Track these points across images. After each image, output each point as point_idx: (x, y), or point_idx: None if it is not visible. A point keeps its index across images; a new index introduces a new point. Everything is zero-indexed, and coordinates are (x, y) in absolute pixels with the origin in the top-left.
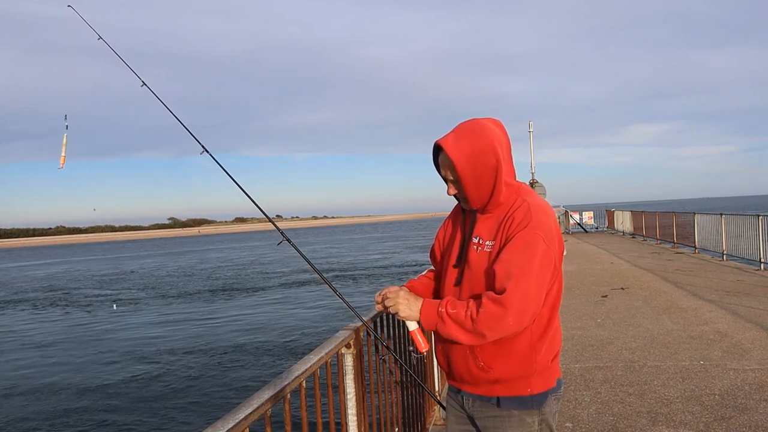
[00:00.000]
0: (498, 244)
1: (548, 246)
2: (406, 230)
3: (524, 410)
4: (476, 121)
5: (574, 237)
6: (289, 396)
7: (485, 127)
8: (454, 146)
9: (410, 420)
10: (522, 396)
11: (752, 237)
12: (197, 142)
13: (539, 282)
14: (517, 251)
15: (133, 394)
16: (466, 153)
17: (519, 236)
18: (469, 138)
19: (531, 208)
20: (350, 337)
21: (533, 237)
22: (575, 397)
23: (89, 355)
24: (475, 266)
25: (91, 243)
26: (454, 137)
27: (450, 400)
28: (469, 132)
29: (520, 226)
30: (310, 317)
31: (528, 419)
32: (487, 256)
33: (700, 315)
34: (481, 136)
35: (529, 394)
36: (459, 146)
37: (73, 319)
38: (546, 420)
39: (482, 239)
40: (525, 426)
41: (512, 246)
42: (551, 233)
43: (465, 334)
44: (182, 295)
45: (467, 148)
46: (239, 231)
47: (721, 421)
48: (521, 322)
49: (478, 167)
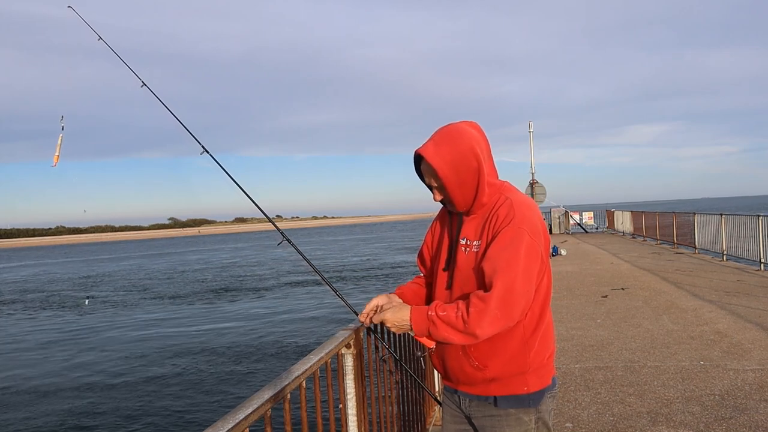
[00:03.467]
0: (484, 243)
1: (533, 239)
2: (401, 231)
3: (521, 409)
4: (453, 126)
5: (574, 237)
6: (289, 396)
7: (463, 131)
8: (435, 153)
9: (410, 420)
10: (519, 395)
11: (752, 237)
12: (197, 143)
13: (526, 275)
14: (503, 247)
15: (132, 396)
16: (447, 159)
17: (504, 233)
18: (449, 144)
19: (514, 204)
20: (350, 337)
21: (518, 232)
22: (575, 397)
23: (88, 355)
24: (464, 268)
25: (91, 243)
26: (434, 145)
27: (446, 400)
28: (447, 138)
29: (504, 222)
30: (310, 317)
31: (525, 417)
32: (475, 256)
33: (700, 315)
34: (460, 141)
35: (526, 392)
36: (439, 153)
37: (67, 321)
38: (542, 418)
39: (469, 240)
40: (522, 424)
41: (497, 243)
42: (536, 228)
43: (458, 335)
44: (182, 296)
45: (447, 154)
46: (239, 231)
47: (721, 422)
48: (512, 316)
49: (460, 171)
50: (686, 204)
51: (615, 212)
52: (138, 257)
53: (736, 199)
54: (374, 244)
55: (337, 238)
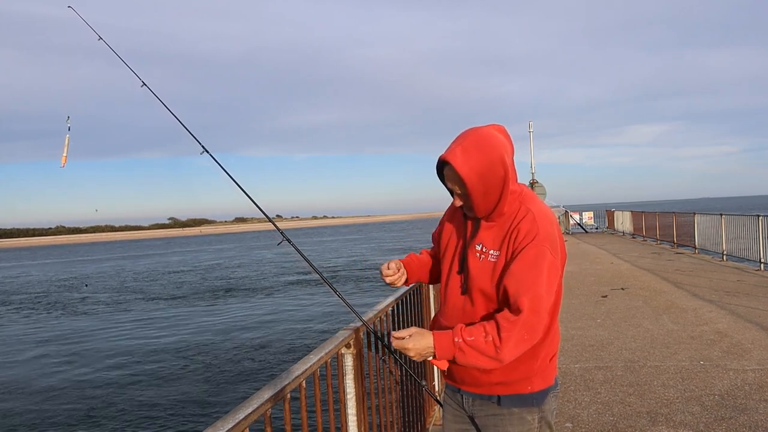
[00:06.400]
0: (504, 256)
1: (554, 257)
2: (396, 231)
3: (524, 408)
4: (482, 131)
5: (574, 237)
6: (289, 396)
7: (493, 139)
8: (464, 162)
9: (410, 420)
10: (522, 394)
11: (752, 237)
12: (197, 142)
13: (548, 294)
14: (527, 267)
15: (132, 395)
16: (476, 168)
17: (527, 250)
18: (479, 152)
19: (536, 218)
20: (350, 337)
21: (540, 250)
22: (575, 397)
23: (85, 356)
24: (479, 275)
25: (91, 243)
26: (462, 152)
27: (447, 398)
28: (477, 145)
29: (527, 238)
30: (310, 317)
31: (528, 417)
32: (492, 266)
33: (700, 315)
34: (490, 150)
35: (530, 392)
36: (468, 162)
37: (65, 321)
38: (545, 417)
39: (485, 248)
40: (525, 424)
41: (521, 261)
42: (555, 244)
43: (488, 361)
44: (181, 296)
45: (476, 163)
46: (239, 231)
47: (721, 422)
48: (537, 337)
49: (487, 181)
50: (686, 204)
51: (615, 212)
52: (141, 257)
53: (736, 199)
54: (364, 245)
55: (335, 238)
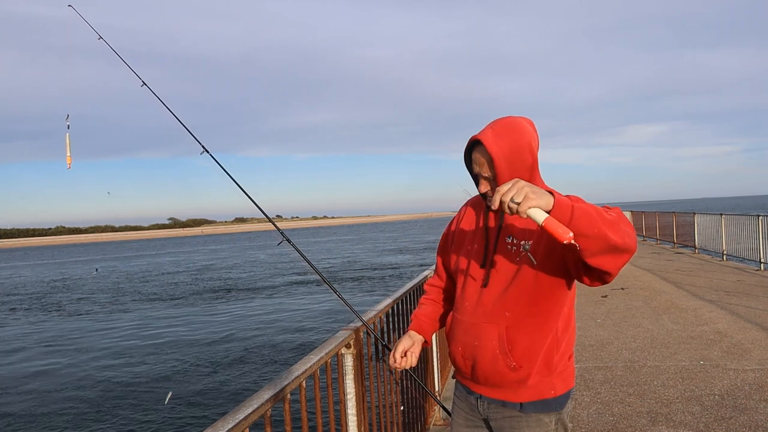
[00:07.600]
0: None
1: None
2: (393, 232)
3: (543, 411)
4: (512, 118)
5: None
6: (289, 396)
7: (522, 125)
8: (494, 142)
9: (410, 420)
10: (546, 399)
11: (752, 237)
12: (197, 142)
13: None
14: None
15: (132, 395)
16: (506, 150)
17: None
18: (509, 135)
19: None
20: (350, 337)
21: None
22: (575, 397)
23: (84, 356)
24: (506, 267)
25: (90, 243)
26: (493, 133)
27: (458, 401)
28: (508, 129)
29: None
30: (310, 317)
31: (545, 419)
32: (526, 257)
33: (700, 315)
34: (520, 135)
35: (553, 396)
36: (498, 143)
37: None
38: (562, 419)
39: (516, 239)
40: (542, 426)
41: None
42: None
43: (612, 229)
44: (181, 296)
45: (506, 145)
46: (239, 231)
47: (721, 422)
48: (634, 242)
49: (515, 165)
50: (686, 204)
51: None
52: (144, 256)
53: (736, 199)
54: (360, 245)
55: (327, 239)
